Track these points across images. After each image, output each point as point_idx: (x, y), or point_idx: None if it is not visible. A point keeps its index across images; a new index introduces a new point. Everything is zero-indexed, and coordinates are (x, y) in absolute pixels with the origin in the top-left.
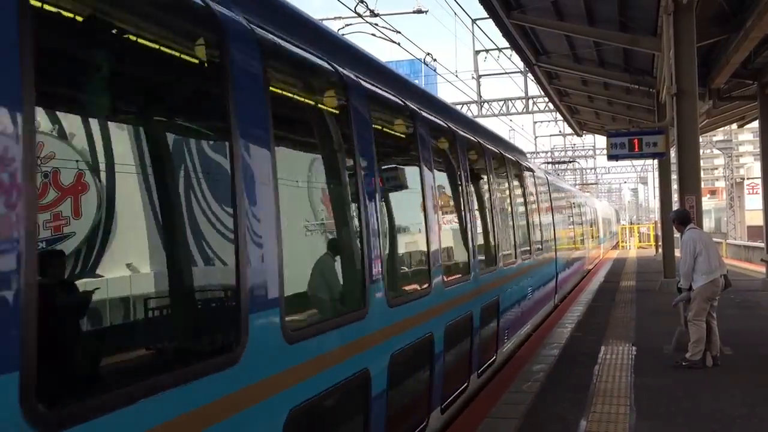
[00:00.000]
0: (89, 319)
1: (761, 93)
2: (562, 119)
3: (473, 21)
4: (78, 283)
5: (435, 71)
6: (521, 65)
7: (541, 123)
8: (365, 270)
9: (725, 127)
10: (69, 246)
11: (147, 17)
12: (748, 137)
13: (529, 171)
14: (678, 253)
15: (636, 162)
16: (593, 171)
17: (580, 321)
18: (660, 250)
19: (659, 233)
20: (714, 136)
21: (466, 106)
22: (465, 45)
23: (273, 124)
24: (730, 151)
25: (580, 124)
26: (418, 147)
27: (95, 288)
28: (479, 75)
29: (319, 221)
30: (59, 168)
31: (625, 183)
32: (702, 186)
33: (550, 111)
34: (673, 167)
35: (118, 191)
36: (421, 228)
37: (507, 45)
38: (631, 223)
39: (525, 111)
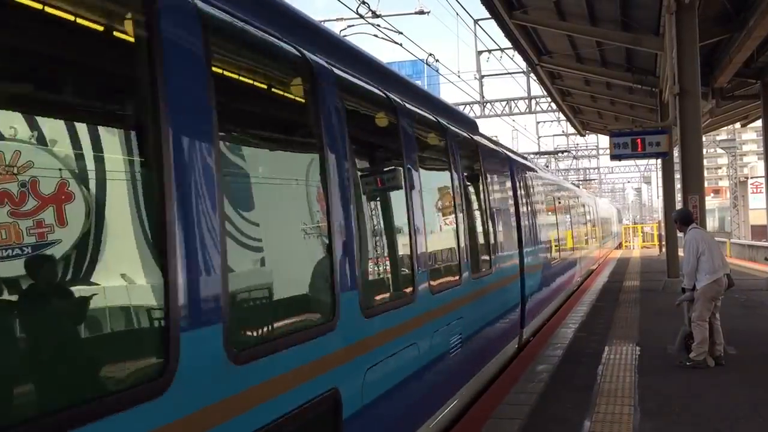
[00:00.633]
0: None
1: (764, 92)
2: (564, 119)
3: (475, 21)
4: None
5: (437, 72)
6: (524, 65)
7: (544, 123)
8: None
9: (728, 127)
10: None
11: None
12: (751, 136)
13: (488, 152)
14: (682, 253)
15: (639, 162)
16: (596, 171)
17: (583, 321)
18: (663, 249)
19: (663, 233)
20: (717, 135)
21: (468, 106)
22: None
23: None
24: (733, 151)
25: (583, 123)
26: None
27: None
28: (482, 75)
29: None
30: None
31: (629, 183)
32: (705, 185)
33: (552, 111)
34: (677, 167)
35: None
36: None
37: (509, 45)
38: (635, 223)
39: (528, 111)
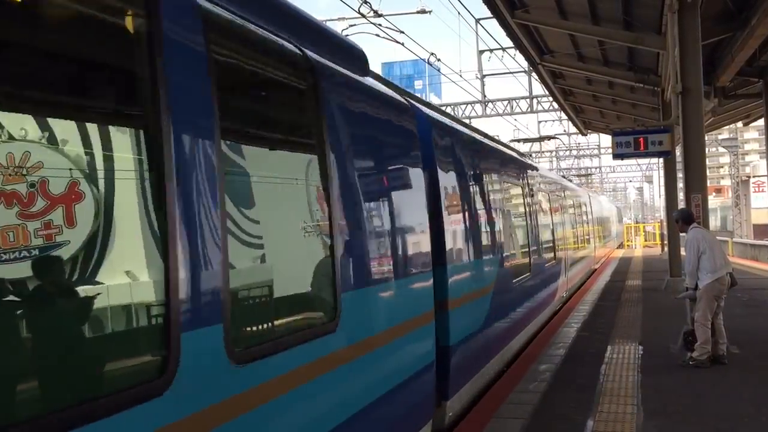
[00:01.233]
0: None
1: (766, 91)
2: (566, 118)
3: (477, 21)
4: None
5: (439, 71)
6: (525, 65)
7: (546, 122)
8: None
9: (731, 125)
10: None
11: None
12: (753, 135)
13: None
14: (684, 253)
15: (641, 161)
16: (598, 170)
17: (586, 320)
18: (666, 249)
19: (665, 232)
20: (719, 134)
21: (470, 105)
22: (469, 45)
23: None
24: (735, 149)
25: (584, 123)
26: None
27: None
28: (483, 75)
29: None
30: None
31: (631, 182)
32: (707, 184)
33: (554, 110)
34: (679, 166)
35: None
36: None
37: (511, 44)
38: (637, 222)
39: (529, 110)
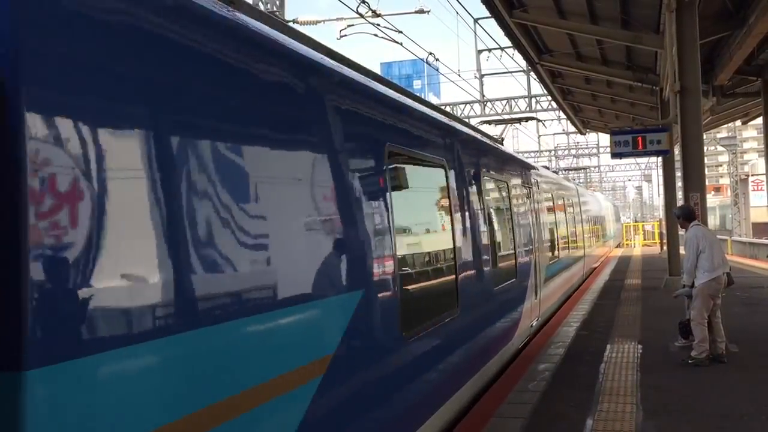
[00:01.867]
0: None
1: (765, 89)
2: (565, 118)
3: (475, 20)
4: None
5: (437, 71)
6: (524, 64)
7: (545, 122)
8: None
9: (729, 124)
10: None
11: None
12: (752, 134)
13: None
14: (683, 251)
15: (640, 160)
16: (597, 169)
17: (585, 319)
18: (665, 247)
19: (664, 231)
20: (718, 132)
21: (469, 105)
22: (467, 44)
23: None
24: (734, 148)
25: (583, 122)
26: None
27: None
28: (482, 74)
29: None
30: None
31: (630, 181)
32: (706, 183)
33: (553, 110)
34: (678, 164)
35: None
36: None
37: (509, 44)
38: (636, 221)
39: (528, 110)
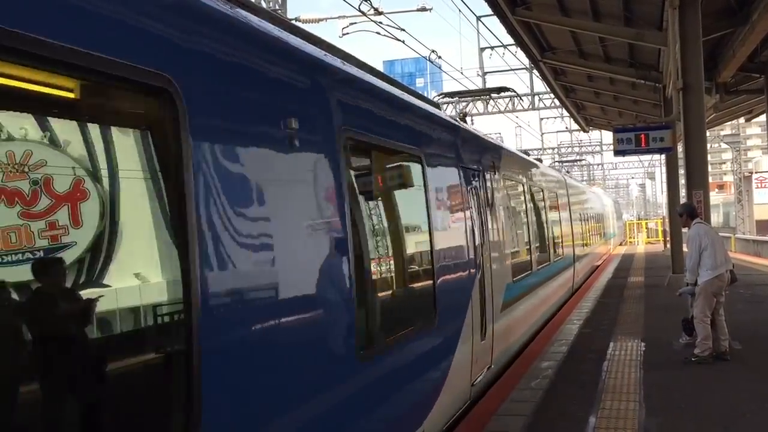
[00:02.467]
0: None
1: None
2: (568, 115)
3: (478, 18)
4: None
5: (440, 68)
6: (526, 62)
7: (548, 119)
8: None
9: (733, 121)
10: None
11: None
12: (756, 131)
13: None
14: (686, 249)
15: (643, 157)
16: (600, 167)
17: (588, 317)
18: (668, 245)
19: (667, 228)
20: (721, 130)
21: (471, 102)
22: (470, 42)
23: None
24: (737, 145)
25: (586, 119)
26: None
27: None
28: (485, 72)
29: None
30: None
31: (633, 179)
32: (710, 180)
33: (556, 107)
34: (681, 162)
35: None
36: None
37: (512, 42)
38: (639, 219)
39: (531, 107)
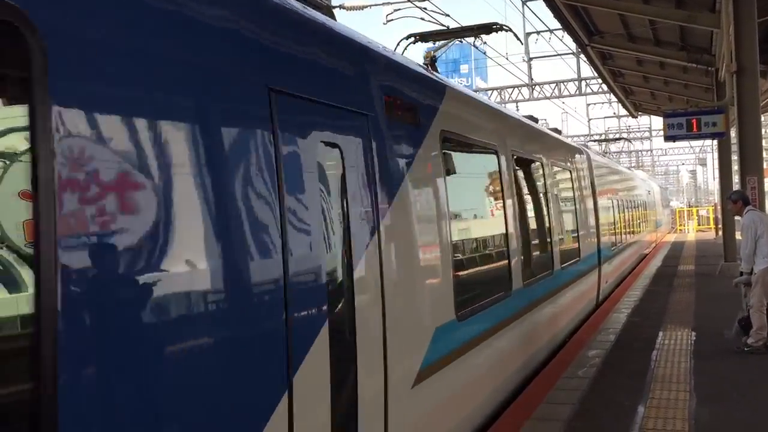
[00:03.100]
0: None
1: None
2: (616, 101)
3: (523, 2)
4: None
5: (485, 54)
6: (573, 46)
7: (595, 105)
8: None
9: None
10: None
11: None
12: None
13: None
14: (739, 236)
15: (694, 143)
16: (649, 153)
17: (636, 306)
18: (720, 233)
19: (719, 216)
20: None
21: (517, 89)
22: (515, 27)
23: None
24: None
25: (635, 105)
26: None
27: None
28: (530, 57)
29: None
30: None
31: (683, 165)
32: (764, 166)
33: (603, 92)
34: (734, 147)
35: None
36: None
37: (558, 26)
38: (690, 206)
39: (578, 93)
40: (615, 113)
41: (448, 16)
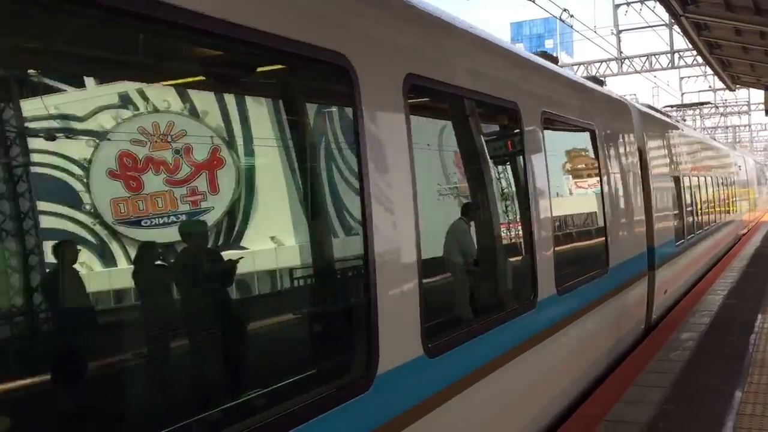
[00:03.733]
0: None
1: None
2: (712, 73)
3: None
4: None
5: (572, 27)
6: (666, 17)
7: (688, 78)
8: None
9: None
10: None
11: None
12: None
13: None
14: None
15: None
16: (747, 128)
17: (733, 288)
18: None
19: None
20: None
21: (605, 63)
22: None
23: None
24: None
25: (732, 77)
26: None
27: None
28: (620, 30)
29: None
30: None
31: None
32: None
33: (698, 65)
34: None
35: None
36: None
37: None
38: None
39: (671, 66)
40: (711, 87)
41: None
